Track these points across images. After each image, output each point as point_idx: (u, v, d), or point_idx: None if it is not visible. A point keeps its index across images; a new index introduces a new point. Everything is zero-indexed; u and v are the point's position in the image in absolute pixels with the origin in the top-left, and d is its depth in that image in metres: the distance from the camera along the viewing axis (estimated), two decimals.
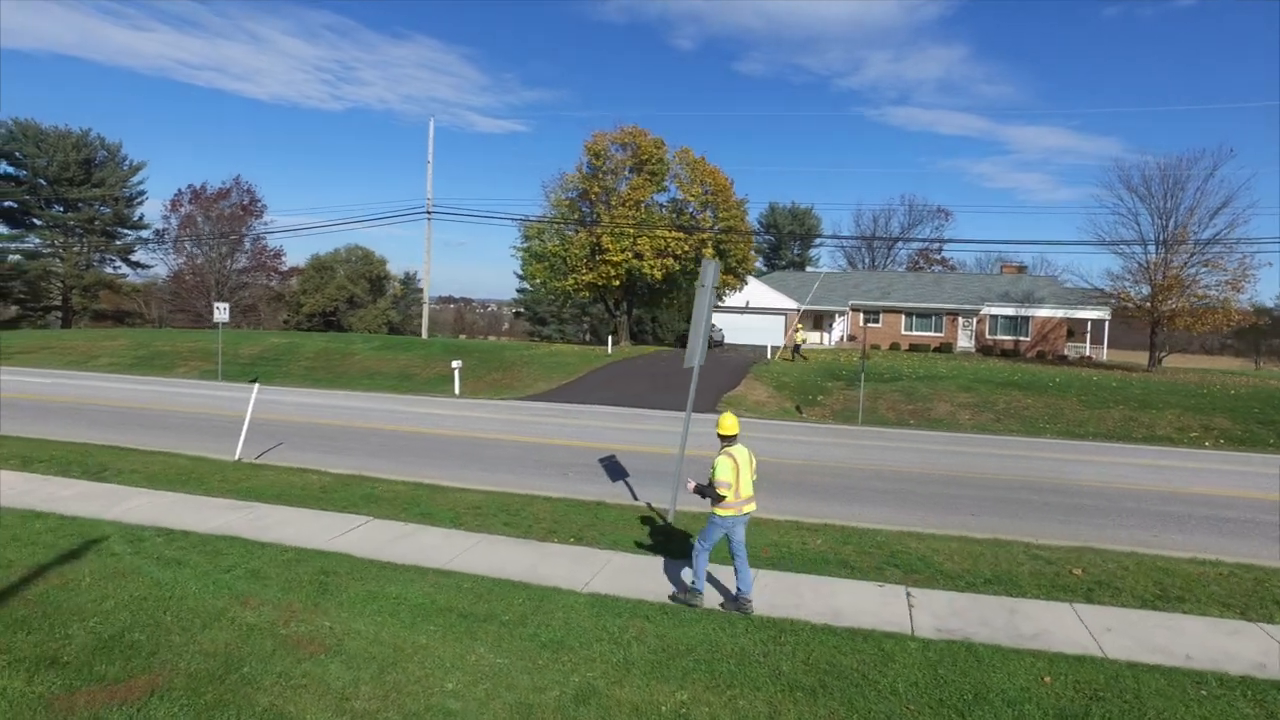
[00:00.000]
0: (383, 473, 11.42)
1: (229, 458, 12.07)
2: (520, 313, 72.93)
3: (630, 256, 34.60)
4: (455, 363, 24.49)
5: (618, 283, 36.18)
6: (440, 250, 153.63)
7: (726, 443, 6.45)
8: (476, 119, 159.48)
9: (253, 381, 17.31)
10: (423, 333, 40.45)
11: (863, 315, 47.06)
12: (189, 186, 56.21)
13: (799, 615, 6.34)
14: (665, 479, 10.84)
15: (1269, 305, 55.33)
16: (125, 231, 57.75)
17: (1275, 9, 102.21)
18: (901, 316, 46.72)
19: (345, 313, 56.04)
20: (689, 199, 37.35)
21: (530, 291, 57.77)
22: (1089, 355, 42.84)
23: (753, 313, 45.52)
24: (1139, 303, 34.40)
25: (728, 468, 6.23)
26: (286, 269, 59.46)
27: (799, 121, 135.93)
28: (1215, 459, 15.61)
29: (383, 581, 6.70)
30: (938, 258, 74.04)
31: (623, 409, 20.23)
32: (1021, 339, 44.15)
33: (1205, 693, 5.09)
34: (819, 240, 78.95)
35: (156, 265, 59.07)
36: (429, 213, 38.96)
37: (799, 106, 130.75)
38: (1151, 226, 34.70)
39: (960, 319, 45.50)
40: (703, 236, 35.98)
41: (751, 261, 41.31)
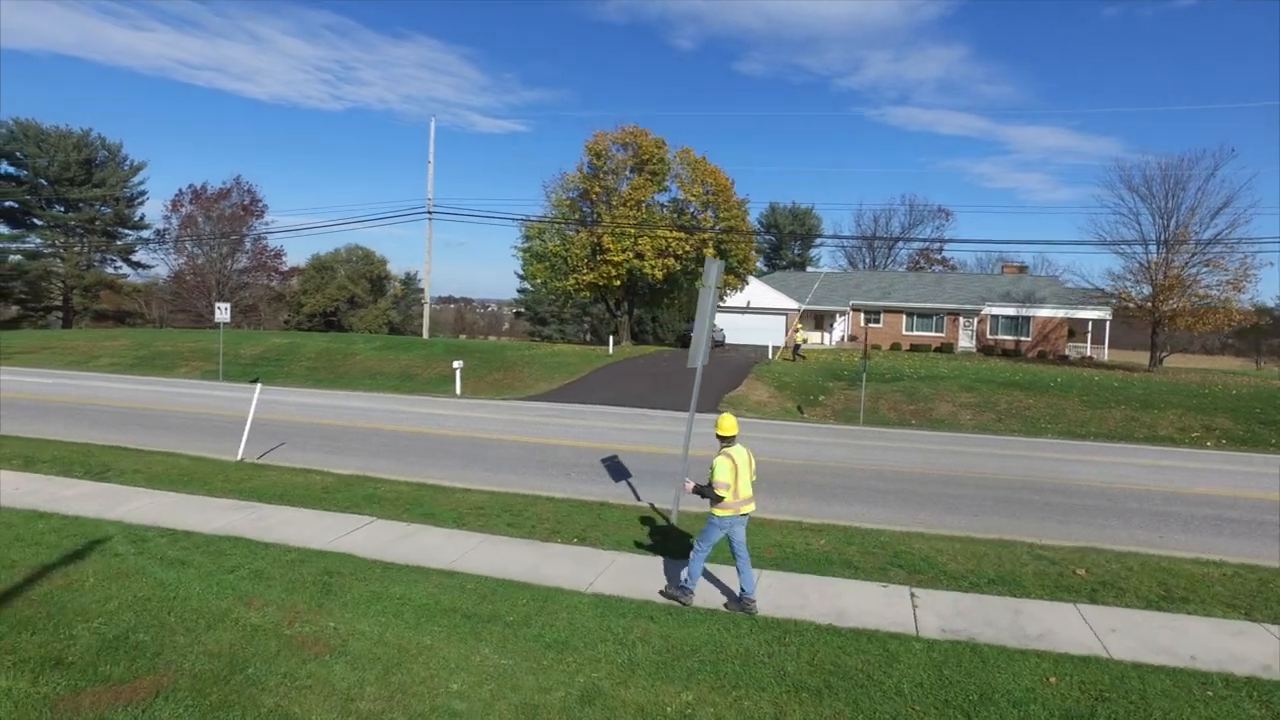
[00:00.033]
0: (385, 473, 11.42)
1: (231, 458, 12.07)
2: (521, 313, 72.91)
3: (631, 256, 34.60)
4: (456, 363, 24.49)
5: (619, 283, 36.18)
6: (440, 250, 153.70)
7: (725, 443, 6.47)
8: (477, 119, 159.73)
9: (254, 382, 17.33)
10: (424, 333, 40.42)
11: (864, 315, 47.05)
12: (189, 186, 56.31)
13: (803, 616, 6.34)
14: (668, 479, 10.84)
15: (1270, 305, 55.37)
16: (126, 232, 57.81)
17: (1275, 9, 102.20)
18: (902, 316, 46.71)
19: (346, 313, 56.07)
20: (690, 199, 37.35)
21: (531, 291, 57.76)
22: (1090, 355, 42.82)
23: (754, 313, 45.52)
24: (1140, 303, 34.40)
25: (726, 468, 6.26)
26: (287, 269, 59.51)
27: (799, 121, 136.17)
28: (1217, 459, 15.60)
29: (386, 582, 6.69)
30: (938, 258, 74.12)
31: (624, 409, 20.23)
32: (1022, 339, 44.13)
33: (1211, 694, 5.09)
34: (820, 240, 79.09)
35: (157, 265, 59.24)
36: (430, 213, 38.95)
37: (799, 106, 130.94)
38: (1153, 226, 34.76)
39: (961, 319, 45.49)
40: (704, 236, 35.97)
41: (753, 262, 41.31)
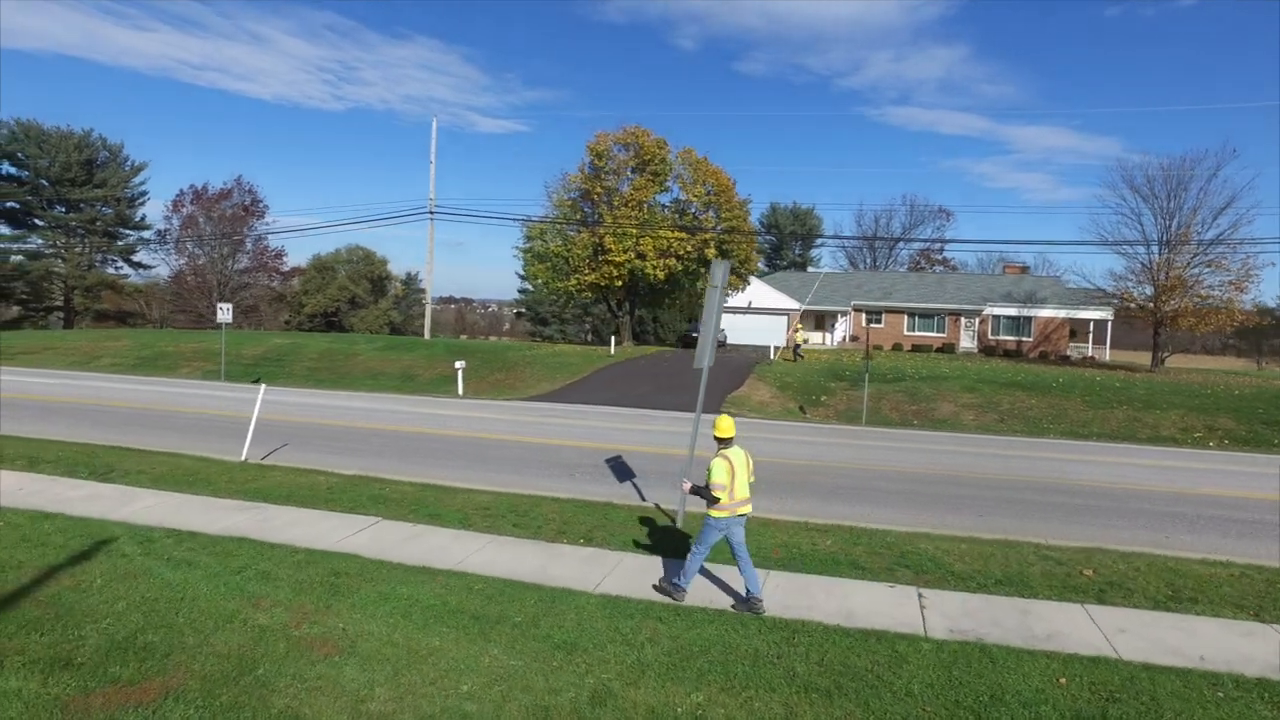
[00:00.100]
0: (389, 473, 11.41)
1: (235, 458, 12.07)
2: (521, 313, 72.90)
3: (633, 257, 34.61)
4: (458, 363, 24.50)
5: (620, 283, 36.19)
6: (441, 250, 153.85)
7: (722, 445, 6.52)
8: (478, 119, 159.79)
9: (256, 382, 17.34)
10: (425, 333, 40.44)
11: (865, 315, 47.02)
12: (191, 187, 56.22)
13: (811, 616, 6.33)
14: (673, 480, 10.84)
15: (1271, 305, 55.39)
16: (127, 232, 57.79)
17: (1275, 9, 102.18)
18: (904, 317, 46.69)
19: (347, 313, 56.10)
20: (691, 199, 37.37)
21: (532, 292, 57.77)
22: (1092, 355, 42.78)
23: (755, 313, 45.50)
24: (1142, 303, 34.38)
25: (723, 470, 6.31)
26: (288, 269, 59.52)
27: (800, 121, 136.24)
28: (1220, 459, 15.60)
29: (394, 583, 6.69)
30: (939, 258, 74.13)
31: (627, 409, 20.22)
32: (1024, 339, 44.09)
33: (1222, 695, 5.08)
34: (820, 240, 79.13)
35: (158, 266, 59.18)
36: (431, 213, 38.98)
37: (800, 106, 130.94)
38: (1155, 226, 34.70)
39: (963, 319, 45.47)
40: (705, 237, 35.98)
41: (754, 262, 41.31)
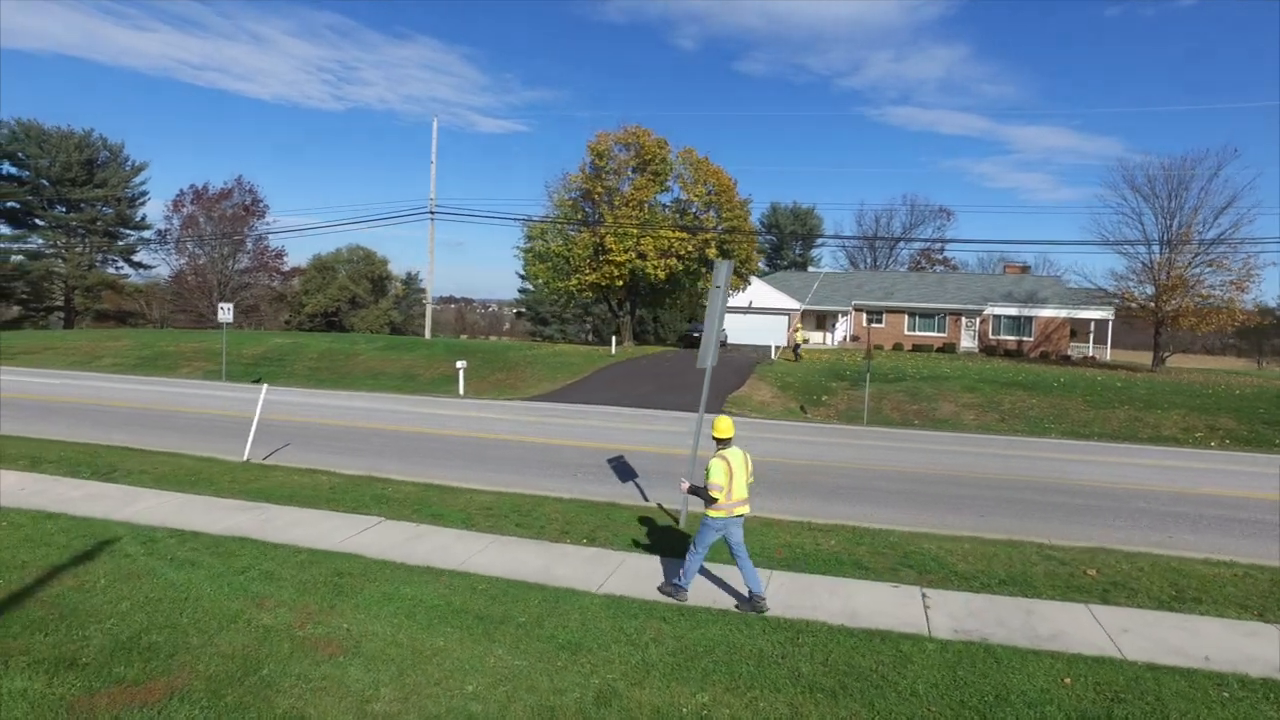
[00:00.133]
0: (392, 473, 11.41)
1: (237, 458, 12.06)
2: (522, 313, 72.91)
3: (633, 257, 34.59)
4: (459, 363, 24.49)
5: (621, 283, 36.18)
6: (441, 250, 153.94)
7: (721, 445, 6.55)
8: (478, 119, 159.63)
9: (258, 382, 17.33)
10: (425, 333, 40.44)
11: (866, 315, 47.01)
12: (191, 187, 56.04)
13: (815, 616, 6.33)
14: (675, 480, 10.82)
15: (1272, 305, 55.35)
16: (127, 232, 57.77)
17: (1276, 9, 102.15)
18: (905, 317, 46.67)
19: (347, 313, 56.08)
20: (692, 199, 37.35)
21: (532, 291, 57.76)
22: (1092, 355, 42.77)
23: (756, 313, 45.48)
24: (1143, 303, 34.37)
25: (721, 470, 6.33)
26: (288, 269, 59.50)
27: (800, 121, 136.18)
28: (1222, 459, 15.60)
29: (397, 583, 6.69)
30: (940, 258, 74.15)
31: (629, 409, 20.22)
32: (1025, 339, 44.07)
33: (1227, 695, 5.07)
34: (821, 240, 79.13)
35: (159, 266, 59.21)
36: (432, 213, 38.97)
37: (800, 106, 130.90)
38: (1155, 226, 34.69)
39: (964, 319, 45.45)
40: (706, 237, 35.97)
41: (755, 262, 41.29)
